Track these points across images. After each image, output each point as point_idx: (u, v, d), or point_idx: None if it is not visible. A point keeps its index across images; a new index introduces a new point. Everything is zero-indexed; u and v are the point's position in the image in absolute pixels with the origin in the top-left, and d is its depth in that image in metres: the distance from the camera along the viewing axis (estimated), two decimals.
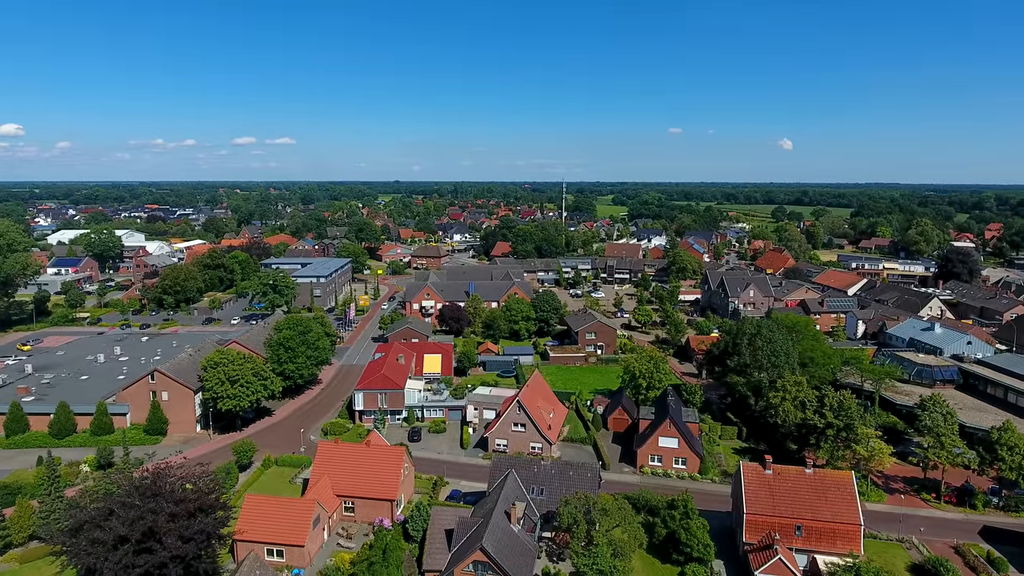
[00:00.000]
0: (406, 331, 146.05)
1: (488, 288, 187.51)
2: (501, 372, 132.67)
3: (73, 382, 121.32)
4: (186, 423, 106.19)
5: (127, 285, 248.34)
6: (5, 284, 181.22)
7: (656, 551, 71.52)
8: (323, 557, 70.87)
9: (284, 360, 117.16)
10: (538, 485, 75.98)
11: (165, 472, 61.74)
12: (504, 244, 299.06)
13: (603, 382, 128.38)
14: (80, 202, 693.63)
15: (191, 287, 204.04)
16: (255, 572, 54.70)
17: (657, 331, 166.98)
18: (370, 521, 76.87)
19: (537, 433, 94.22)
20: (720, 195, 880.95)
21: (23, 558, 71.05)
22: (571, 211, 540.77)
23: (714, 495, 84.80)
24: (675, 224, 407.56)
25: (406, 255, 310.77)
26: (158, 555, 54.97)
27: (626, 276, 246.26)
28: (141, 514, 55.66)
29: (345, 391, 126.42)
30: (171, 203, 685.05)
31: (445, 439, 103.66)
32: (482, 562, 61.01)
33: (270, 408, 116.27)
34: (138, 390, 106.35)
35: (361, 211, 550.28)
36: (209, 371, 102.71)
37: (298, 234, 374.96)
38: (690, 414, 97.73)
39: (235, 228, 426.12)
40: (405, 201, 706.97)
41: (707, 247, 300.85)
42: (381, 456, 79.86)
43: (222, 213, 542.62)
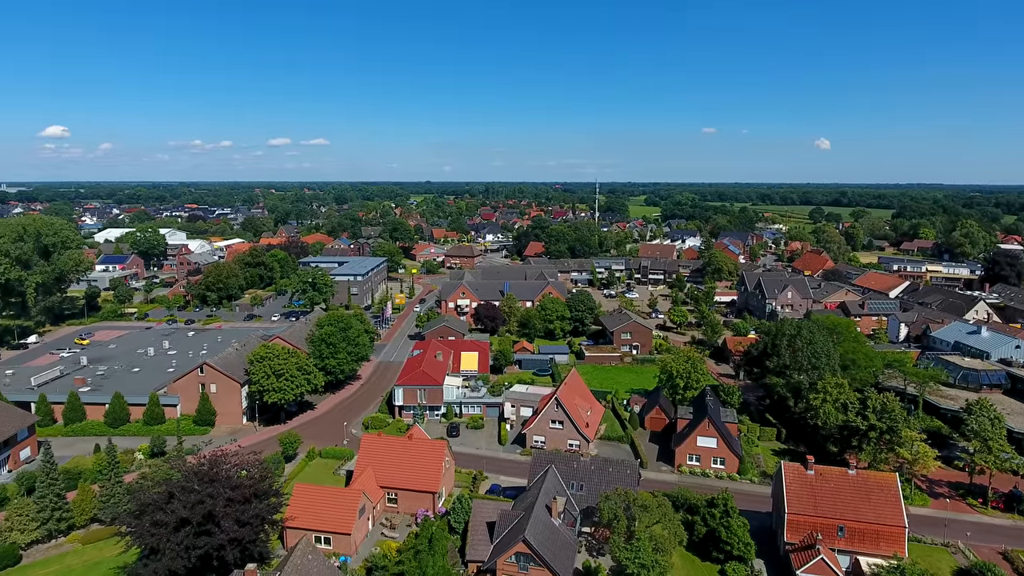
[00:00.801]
0: (443, 329, 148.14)
1: (522, 287, 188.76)
2: (537, 371, 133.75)
3: (125, 374, 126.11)
4: (233, 415, 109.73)
5: (171, 282, 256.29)
6: (59, 280, 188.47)
7: (696, 549, 71.88)
8: (368, 546, 72.90)
9: (326, 355, 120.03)
10: (578, 481, 76.91)
11: (221, 459, 64.38)
12: (537, 244, 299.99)
13: (639, 382, 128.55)
14: (123, 201, 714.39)
15: (233, 284, 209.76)
16: (308, 556, 56.75)
17: (693, 332, 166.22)
18: (412, 512, 78.73)
19: (575, 430, 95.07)
20: (755, 196, 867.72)
21: (85, 539, 74.63)
22: (603, 211, 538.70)
23: (753, 495, 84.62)
24: (709, 225, 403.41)
25: (440, 254, 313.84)
26: (216, 537, 57.54)
27: (660, 277, 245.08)
28: (201, 498, 58.30)
29: (384, 387, 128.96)
30: (209, 203, 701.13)
31: (483, 435, 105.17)
32: (524, 554, 62.28)
33: (312, 402, 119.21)
34: (188, 382, 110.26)
35: (394, 211, 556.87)
36: (255, 365, 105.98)
37: (333, 233, 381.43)
38: (728, 414, 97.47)
39: (272, 227, 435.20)
40: (437, 201, 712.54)
41: (743, 248, 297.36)
42: (423, 449, 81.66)
43: (259, 213, 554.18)
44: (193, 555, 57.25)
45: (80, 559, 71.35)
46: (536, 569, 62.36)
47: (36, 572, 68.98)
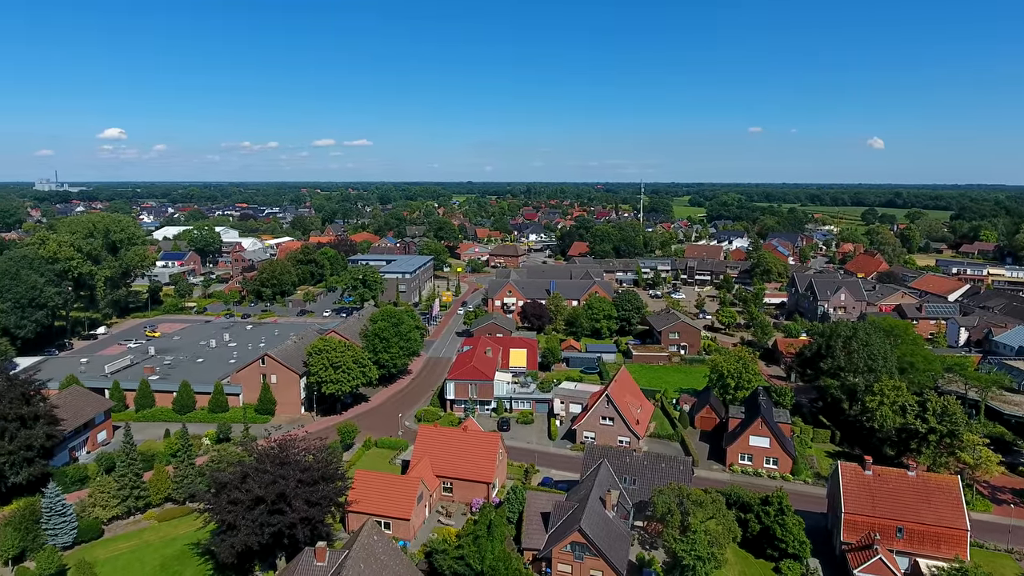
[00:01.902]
0: (491, 326, 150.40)
1: (568, 286, 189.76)
2: (584, 368, 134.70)
3: (190, 364, 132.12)
4: (292, 404, 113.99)
5: (227, 278, 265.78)
6: (125, 275, 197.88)
7: (749, 546, 72.00)
8: (425, 532, 75.32)
9: (379, 350, 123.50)
10: (630, 475, 77.81)
11: (290, 443, 67.61)
12: (581, 244, 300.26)
13: (687, 382, 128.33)
14: (177, 201, 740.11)
15: (286, 281, 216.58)
16: (373, 537, 59.29)
17: (742, 333, 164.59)
18: (467, 502, 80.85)
19: (625, 427, 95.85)
20: (804, 196, 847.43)
21: (160, 517, 79.06)
22: (647, 212, 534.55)
23: (807, 496, 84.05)
24: (757, 226, 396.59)
25: (484, 253, 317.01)
26: (288, 516, 60.68)
27: (707, 278, 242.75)
28: (274, 479, 61.52)
29: (434, 381, 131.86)
30: (258, 202, 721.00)
31: (533, 430, 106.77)
32: (580, 543, 63.61)
33: (366, 395, 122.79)
34: (250, 373, 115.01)
35: (437, 211, 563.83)
36: (314, 357, 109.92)
37: (380, 232, 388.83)
38: (781, 415, 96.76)
39: (320, 226, 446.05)
40: (480, 201, 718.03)
41: (792, 250, 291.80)
42: (478, 441, 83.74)
43: (306, 212, 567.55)
44: (266, 532, 60.49)
45: (157, 535, 75.72)
46: (591, 559, 63.64)
47: (117, 545, 73.49)
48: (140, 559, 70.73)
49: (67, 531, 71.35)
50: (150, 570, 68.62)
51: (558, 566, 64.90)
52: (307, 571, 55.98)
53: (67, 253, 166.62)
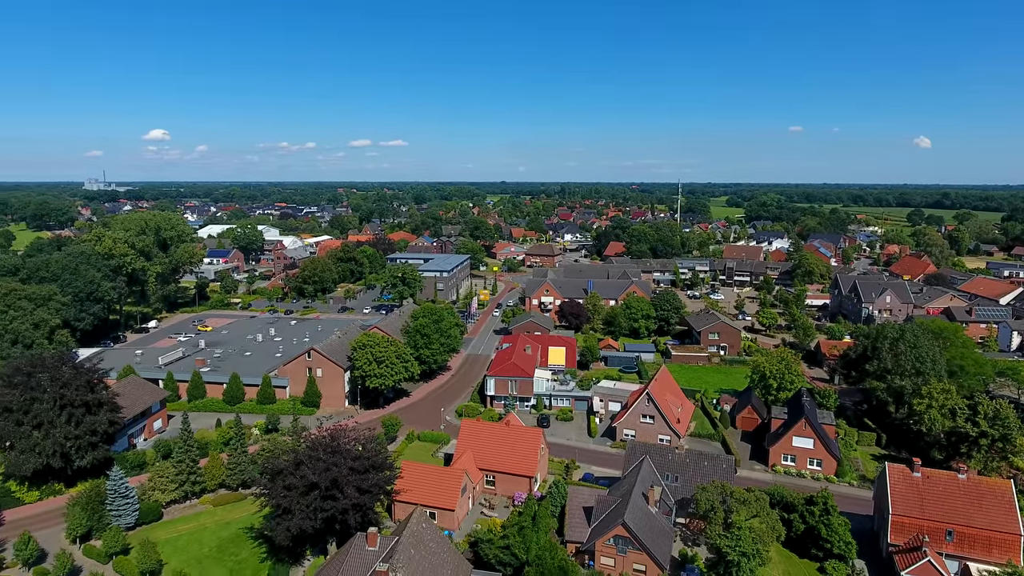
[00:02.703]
0: (529, 324, 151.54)
1: (606, 286, 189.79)
2: (623, 368, 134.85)
3: (238, 357, 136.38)
4: (336, 398, 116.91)
5: (269, 275, 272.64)
6: (174, 271, 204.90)
7: (793, 546, 71.72)
8: (469, 523, 76.91)
9: (420, 346, 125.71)
10: (672, 472, 78.13)
11: (340, 433, 69.84)
12: (617, 244, 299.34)
13: (727, 382, 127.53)
14: (219, 200, 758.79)
15: (327, 278, 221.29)
16: (422, 525, 61.06)
17: (783, 335, 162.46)
18: (509, 495, 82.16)
19: (666, 425, 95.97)
20: (846, 197, 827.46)
21: (215, 501, 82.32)
22: (684, 212, 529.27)
23: (852, 498, 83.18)
24: (797, 227, 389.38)
25: (520, 253, 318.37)
26: (340, 502, 62.87)
27: (746, 279, 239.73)
28: (327, 466, 63.75)
29: (473, 378, 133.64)
30: (297, 202, 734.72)
31: (573, 427, 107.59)
32: (623, 537, 64.33)
33: (407, 389, 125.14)
34: (296, 366, 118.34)
35: (472, 210, 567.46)
36: (359, 352, 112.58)
37: (416, 231, 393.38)
38: (825, 416, 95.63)
39: (358, 225, 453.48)
40: (514, 201, 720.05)
41: (834, 251, 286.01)
42: (520, 435, 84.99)
43: (344, 211, 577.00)
44: (319, 517, 62.77)
45: (212, 519, 78.91)
46: (634, 553, 64.32)
47: (176, 527, 76.84)
48: (198, 541, 73.89)
49: (130, 513, 74.87)
50: (208, 551, 71.66)
51: (601, 559, 65.73)
52: (359, 555, 57.97)
53: (121, 250, 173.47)
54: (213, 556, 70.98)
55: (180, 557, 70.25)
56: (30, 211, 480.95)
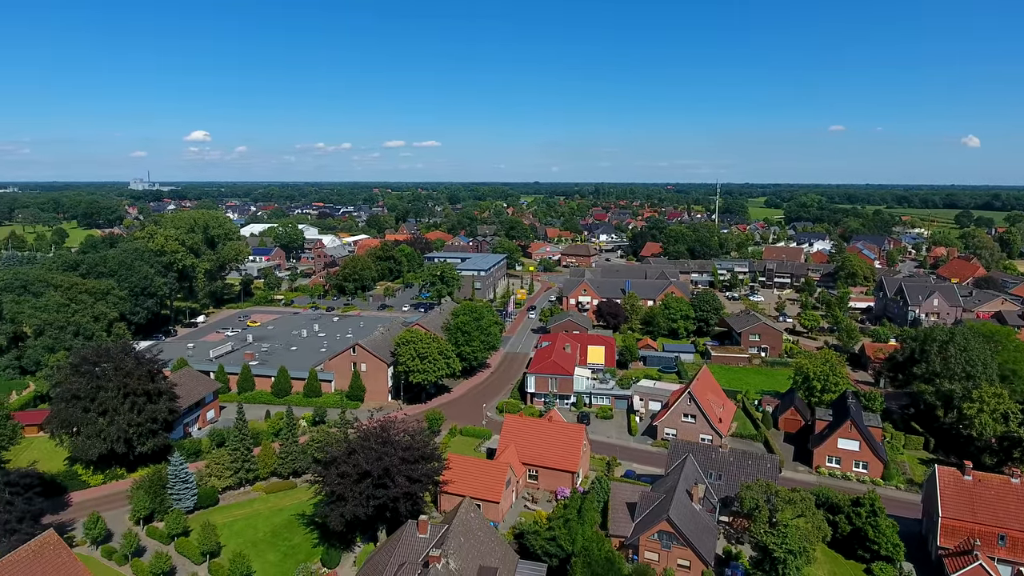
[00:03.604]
0: (568, 323, 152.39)
1: (644, 286, 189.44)
2: (662, 368, 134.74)
3: (284, 352, 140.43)
4: (380, 392, 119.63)
5: (309, 273, 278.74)
6: (221, 268, 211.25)
7: (839, 547, 71.33)
8: (512, 516, 78.36)
9: (461, 343, 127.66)
10: (716, 471, 78.29)
11: (391, 424, 71.95)
12: (654, 245, 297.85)
13: (769, 384, 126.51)
14: (259, 199, 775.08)
15: (366, 276, 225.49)
16: (470, 514, 62.68)
17: (825, 337, 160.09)
18: (552, 490, 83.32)
19: (707, 425, 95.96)
20: (890, 198, 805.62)
21: (268, 489, 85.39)
22: (721, 213, 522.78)
23: (899, 501, 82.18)
24: (839, 228, 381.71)
25: (555, 253, 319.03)
26: (391, 490, 64.92)
27: (787, 280, 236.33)
28: (379, 455, 65.86)
29: (512, 375, 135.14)
30: (334, 201, 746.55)
31: (613, 425, 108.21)
32: (667, 532, 64.93)
33: (448, 386, 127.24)
34: (341, 361, 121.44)
35: (506, 211, 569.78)
36: (402, 347, 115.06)
37: (452, 231, 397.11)
38: (871, 419, 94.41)
39: (394, 224, 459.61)
40: (549, 201, 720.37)
41: (878, 253, 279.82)
42: (563, 431, 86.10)
43: (380, 211, 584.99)
44: (371, 504, 64.93)
45: (265, 505, 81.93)
46: (678, 548, 64.86)
47: (232, 512, 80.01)
48: (253, 526, 76.87)
49: (189, 497, 78.32)
50: (263, 535, 74.54)
51: (645, 553, 66.41)
52: (410, 541, 59.88)
53: (172, 247, 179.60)
54: (267, 540, 73.82)
55: (237, 541, 73.19)
56: (81, 210, 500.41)
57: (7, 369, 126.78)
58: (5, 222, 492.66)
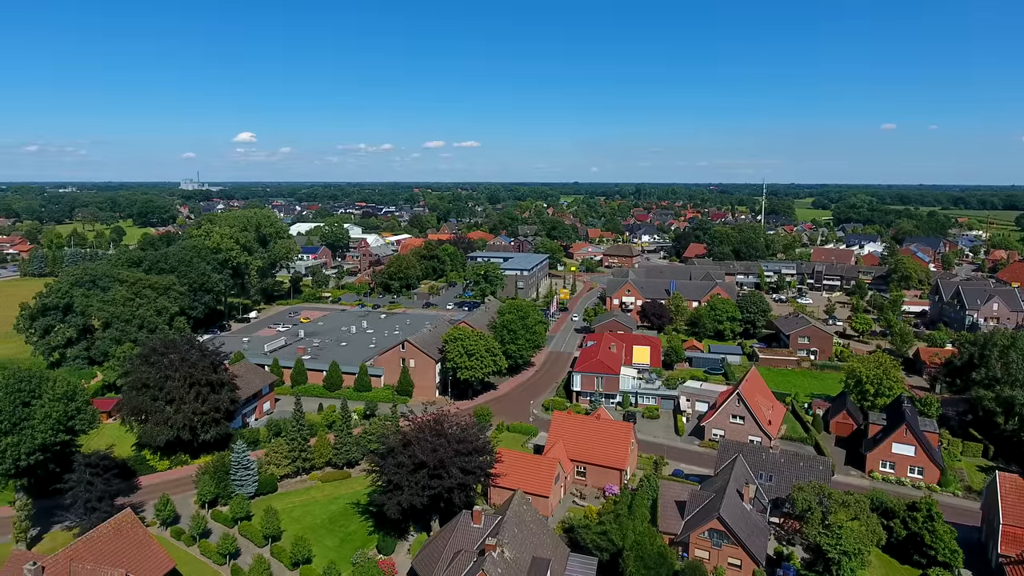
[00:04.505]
0: (612, 323, 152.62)
1: (688, 287, 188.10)
2: (708, 369, 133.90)
3: (335, 347, 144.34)
4: (427, 388, 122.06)
5: (355, 271, 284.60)
6: (272, 265, 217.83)
7: (894, 551, 70.33)
8: (561, 511, 79.47)
9: (507, 341, 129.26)
10: (767, 471, 77.97)
11: (444, 418, 73.89)
12: (698, 246, 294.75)
13: (818, 387, 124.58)
14: (303, 199, 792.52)
15: (411, 275, 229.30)
16: (523, 506, 64.07)
17: (878, 341, 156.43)
18: (600, 487, 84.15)
19: (756, 426, 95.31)
20: (945, 199, 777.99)
21: (323, 478, 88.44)
22: (767, 214, 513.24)
23: (956, 508, 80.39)
24: (892, 230, 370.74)
25: (597, 253, 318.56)
26: (446, 481, 66.79)
27: (836, 283, 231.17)
28: (434, 447, 67.84)
29: (556, 374, 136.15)
30: (375, 201, 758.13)
31: (659, 425, 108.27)
32: (718, 531, 65.13)
33: (493, 383, 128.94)
34: (391, 357, 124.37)
35: (546, 211, 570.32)
36: (450, 344, 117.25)
37: (494, 231, 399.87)
38: (927, 424, 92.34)
39: (435, 224, 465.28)
40: (589, 202, 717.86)
41: (933, 256, 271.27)
42: (611, 429, 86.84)
43: (421, 210, 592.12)
44: (426, 494, 66.94)
45: (321, 493, 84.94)
46: (729, 547, 65.00)
47: (290, 499, 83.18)
48: (310, 513, 79.84)
49: (251, 483, 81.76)
50: (320, 522, 77.39)
51: (695, 551, 66.71)
52: (465, 531, 61.65)
53: (227, 245, 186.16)
54: (325, 527, 76.62)
55: (295, 526, 76.13)
56: (136, 209, 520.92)
57: (77, 359, 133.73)
58: (66, 220, 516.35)
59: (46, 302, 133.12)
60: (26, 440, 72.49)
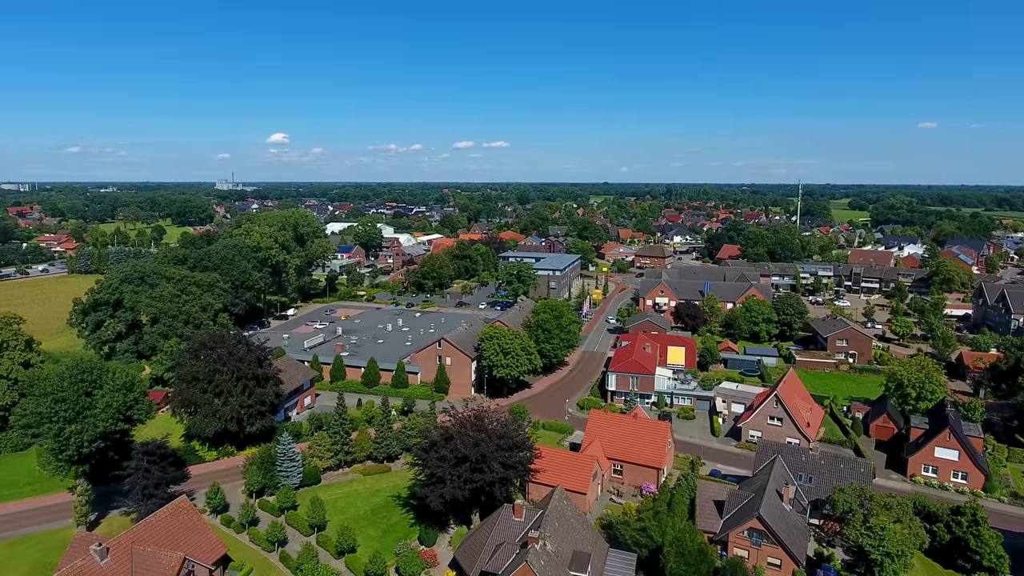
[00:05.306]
0: (646, 324, 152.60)
1: (722, 288, 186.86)
2: (744, 371, 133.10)
3: (372, 344, 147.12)
4: (463, 386, 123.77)
5: (388, 270, 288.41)
6: (309, 264, 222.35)
7: (937, 556, 69.61)
8: (598, 508, 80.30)
9: (542, 340, 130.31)
10: (806, 473, 77.73)
11: (485, 414, 75.33)
12: (731, 247, 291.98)
13: (857, 390, 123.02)
14: (335, 199, 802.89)
15: (444, 274, 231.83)
16: (563, 501, 65.18)
17: (919, 345, 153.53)
18: (637, 485, 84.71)
19: (794, 428, 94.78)
20: (989, 200, 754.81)
21: (364, 471, 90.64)
22: (802, 215, 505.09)
23: (1002, 514, 79.10)
24: (933, 231, 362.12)
25: (629, 254, 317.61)
26: (487, 475, 68.20)
27: (875, 285, 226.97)
28: (476, 441, 69.32)
29: (590, 374, 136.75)
30: (405, 201, 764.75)
31: (695, 425, 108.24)
32: (758, 530, 65.31)
33: (528, 382, 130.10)
34: (427, 354, 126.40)
35: (576, 211, 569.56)
36: (486, 343, 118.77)
37: (525, 231, 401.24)
38: (971, 429, 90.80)
39: (466, 224, 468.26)
40: (620, 202, 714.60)
41: (976, 258, 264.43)
42: (648, 428, 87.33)
43: (452, 210, 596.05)
44: (468, 487, 68.42)
45: (363, 486, 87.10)
46: (769, 547, 65.14)
47: (333, 491, 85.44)
48: (353, 504, 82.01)
49: (296, 474, 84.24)
50: (363, 513, 79.49)
51: (734, 550, 66.96)
52: (507, 524, 63.02)
53: (267, 243, 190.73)
54: (367, 518, 78.66)
55: (339, 517, 78.27)
56: (175, 208, 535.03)
57: (125, 353, 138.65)
58: (108, 219, 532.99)
59: (97, 298, 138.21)
60: (88, 428, 76.02)
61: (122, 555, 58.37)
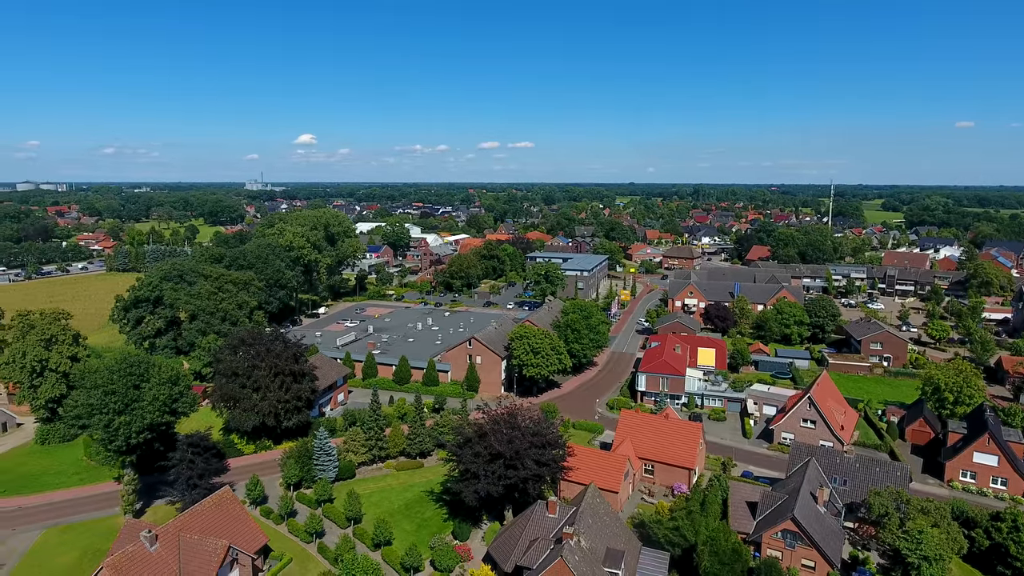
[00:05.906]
0: (675, 325, 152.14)
1: (752, 290, 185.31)
2: (775, 373, 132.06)
3: (402, 343, 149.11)
4: (493, 384, 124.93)
5: (415, 270, 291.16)
6: (339, 263, 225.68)
7: (975, 562, 68.71)
8: (629, 507, 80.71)
9: (571, 340, 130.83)
10: (840, 476, 77.23)
11: (517, 411, 76.29)
12: (761, 248, 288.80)
13: (892, 394, 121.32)
14: (362, 199, 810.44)
15: (472, 274, 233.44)
16: (596, 499, 65.84)
17: (955, 349, 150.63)
18: (668, 485, 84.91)
19: (828, 431, 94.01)
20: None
21: (397, 467, 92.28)
22: (833, 216, 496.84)
23: None
24: (970, 233, 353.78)
25: (656, 255, 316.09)
26: (521, 472, 69.13)
27: (910, 288, 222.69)
28: (510, 439, 70.31)
29: (618, 374, 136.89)
30: (431, 201, 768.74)
31: (726, 427, 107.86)
32: (792, 531, 65.23)
33: (557, 381, 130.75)
34: (458, 353, 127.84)
35: (602, 212, 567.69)
36: (516, 342, 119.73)
37: (552, 232, 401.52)
38: (1012, 435, 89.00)
39: (492, 224, 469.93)
40: (646, 203, 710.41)
41: (1015, 260, 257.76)
42: (680, 428, 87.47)
43: (478, 211, 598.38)
44: (502, 483, 69.44)
45: (396, 481, 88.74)
46: (803, 548, 65.01)
47: (367, 485, 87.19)
48: (387, 499, 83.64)
49: (331, 468, 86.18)
50: (397, 507, 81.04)
51: (767, 551, 66.94)
52: (540, 520, 63.90)
53: (299, 243, 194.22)
54: (402, 512, 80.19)
55: (374, 510, 79.96)
56: (207, 208, 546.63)
57: (165, 349, 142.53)
58: (143, 219, 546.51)
59: (138, 295, 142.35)
60: (136, 419, 78.84)
61: (170, 542, 60.60)
